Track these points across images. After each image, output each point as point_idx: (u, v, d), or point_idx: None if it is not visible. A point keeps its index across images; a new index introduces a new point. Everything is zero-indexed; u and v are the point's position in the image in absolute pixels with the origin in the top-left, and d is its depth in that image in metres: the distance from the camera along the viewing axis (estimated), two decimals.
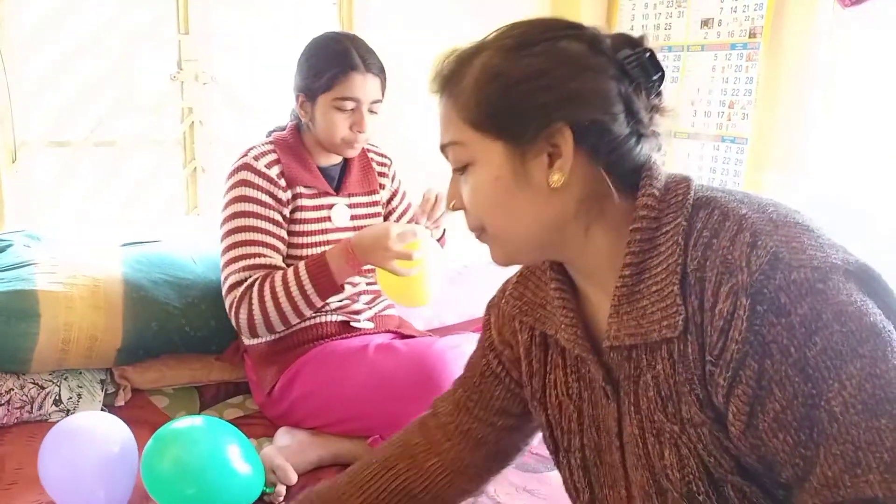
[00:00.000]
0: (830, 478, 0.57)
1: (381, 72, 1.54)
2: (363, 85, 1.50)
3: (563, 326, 0.76)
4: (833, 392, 0.57)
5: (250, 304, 1.44)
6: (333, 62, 1.50)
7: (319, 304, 1.47)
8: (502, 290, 0.89)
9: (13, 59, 1.81)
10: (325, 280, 1.43)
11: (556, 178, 0.67)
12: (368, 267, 1.51)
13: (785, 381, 0.58)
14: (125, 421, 1.29)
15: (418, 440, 0.96)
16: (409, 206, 1.80)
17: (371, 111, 1.54)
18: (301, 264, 1.45)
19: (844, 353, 0.57)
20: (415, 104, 2.36)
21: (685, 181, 0.70)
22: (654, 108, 0.71)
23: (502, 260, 0.76)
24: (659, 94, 0.72)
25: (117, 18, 1.90)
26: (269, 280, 1.44)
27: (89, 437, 1.22)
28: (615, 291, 0.69)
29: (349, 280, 1.62)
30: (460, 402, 0.94)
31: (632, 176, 0.70)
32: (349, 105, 1.50)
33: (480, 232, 0.75)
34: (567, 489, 0.85)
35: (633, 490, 0.73)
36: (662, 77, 0.71)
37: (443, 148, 0.74)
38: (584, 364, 0.77)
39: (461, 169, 0.73)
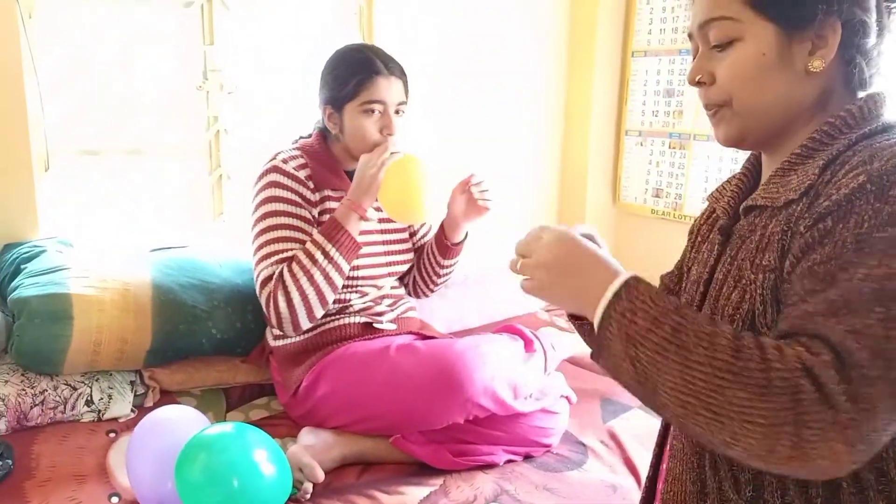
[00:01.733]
0: (809, 313, 0.64)
1: (403, 74, 1.58)
2: (388, 88, 1.54)
3: (727, 197, 0.87)
4: (867, 267, 0.62)
5: (286, 289, 1.46)
6: (357, 70, 1.53)
7: (345, 266, 1.51)
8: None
9: (44, 69, 1.87)
10: (340, 234, 1.48)
11: (817, 64, 0.75)
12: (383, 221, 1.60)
13: (838, 242, 0.65)
14: None
15: None
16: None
17: (397, 112, 1.57)
18: (314, 232, 1.51)
19: None
20: (434, 110, 2.39)
21: (891, 117, 0.76)
22: (890, 30, 0.78)
23: (735, 136, 0.81)
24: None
25: (145, 30, 1.96)
26: (293, 261, 1.48)
27: (170, 428, 1.27)
28: (780, 165, 0.78)
29: (373, 283, 1.65)
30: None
31: (864, 82, 0.77)
32: (377, 108, 1.54)
33: (721, 108, 0.81)
34: None
35: None
36: None
37: (705, 23, 0.79)
38: (715, 224, 0.88)
39: (722, 46, 0.78)
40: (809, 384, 0.59)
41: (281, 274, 1.48)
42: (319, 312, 1.51)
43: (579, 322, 0.95)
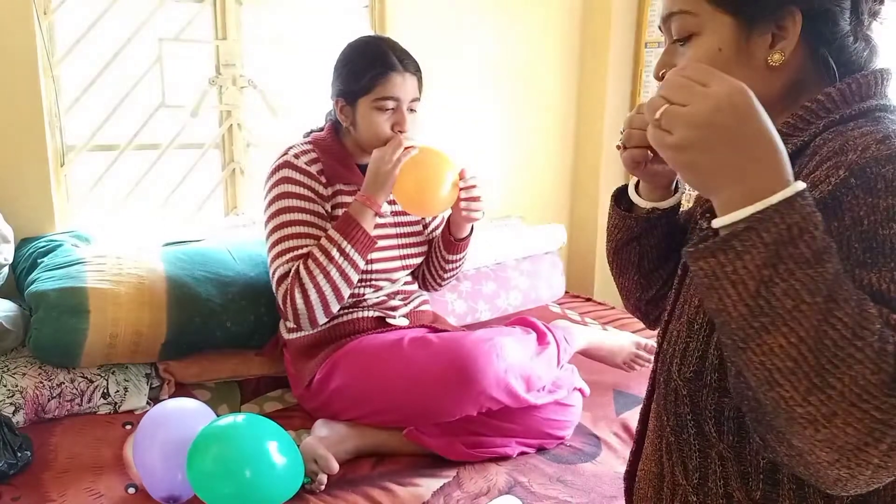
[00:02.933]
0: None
1: (417, 71, 1.57)
2: (402, 84, 1.53)
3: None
4: (887, 269, 0.59)
5: (302, 286, 1.46)
6: (372, 64, 1.53)
7: (360, 262, 1.51)
8: None
9: (59, 65, 1.88)
10: (355, 230, 1.48)
11: (777, 58, 0.72)
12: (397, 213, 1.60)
13: (843, 243, 0.60)
14: None
15: None
16: None
17: (411, 109, 1.56)
18: (329, 228, 1.50)
19: None
20: (447, 106, 2.39)
21: (878, 99, 0.72)
22: (874, 14, 0.75)
23: None
24: (882, 0, 0.75)
25: (158, 25, 1.97)
26: (309, 258, 1.48)
27: (178, 421, 1.29)
28: None
29: (387, 276, 1.65)
30: None
31: (832, 72, 0.73)
32: (390, 105, 1.53)
33: None
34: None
35: (683, 327, 0.77)
36: None
37: (667, 17, 0.77)
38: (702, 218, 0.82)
39: (683, 40, 0.76)
40: None
41: (297, 271, 1.48)
42: (336, 307, 1.52)
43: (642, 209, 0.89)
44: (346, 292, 1.51)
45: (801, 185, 0.56)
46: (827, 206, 0.62)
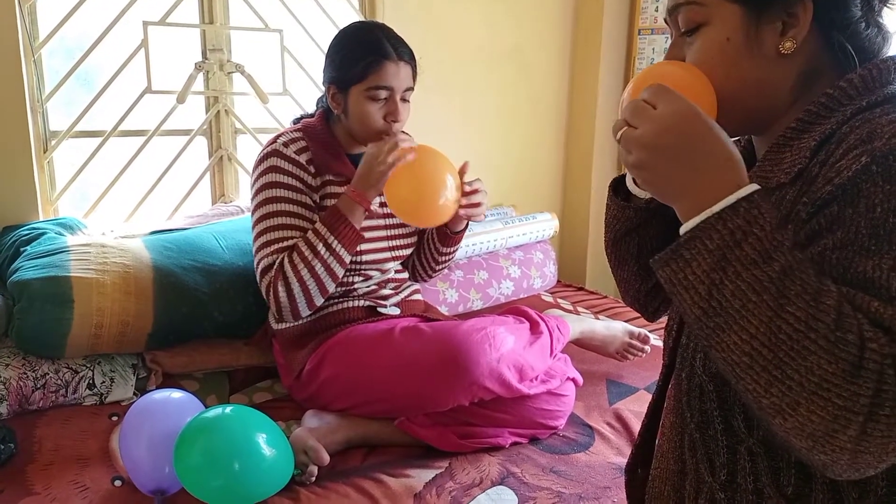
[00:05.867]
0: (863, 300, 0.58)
1: (411, 59, 1.54)
2: (396, 73, 1.50)
3: None
4: (889, 256, 0.58)
5: (286, 279, 1.44)
6: (365, 52, 1.49)
7: (347, 257, 1.48)
8: None
9: (41, 49, 1.84)
10: (342, 225, 1.45)
11: (788, 45, 0.70)
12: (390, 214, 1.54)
13: (851, 228, 0.60)
14: None
15: None
16: None
17: (404, 99, 1.53)
18: (316, 223, 1.47)
19: None
20: (437, 93, 2.36)
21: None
22: (884, 0, 0.73)
23: None
24: None
25: (142, 8, 1.92)
26: (294, 251, 1.45)
27: (163, 413, 1.26)
28: (774, 140, 0.73)
29: (377, 267, 1.62)
30: None
31: (850, 58, 0.72)
32: (383, 94, 1.50)
33: None
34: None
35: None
36: None
37: (674, 9, 0.76)
38: None
39: (690, 31, 0.75)
40: (894, 374, 0.54)
41: (281, 264, 1.45)
42: (319, 301, 1.50)
43: (624, 201, 0.89)
44: (330, 287, 1.49)
45: (748, 190, 0.59)
46: (846, 193, 0.61)
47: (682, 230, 0.61)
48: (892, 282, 0.57)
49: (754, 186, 0.59)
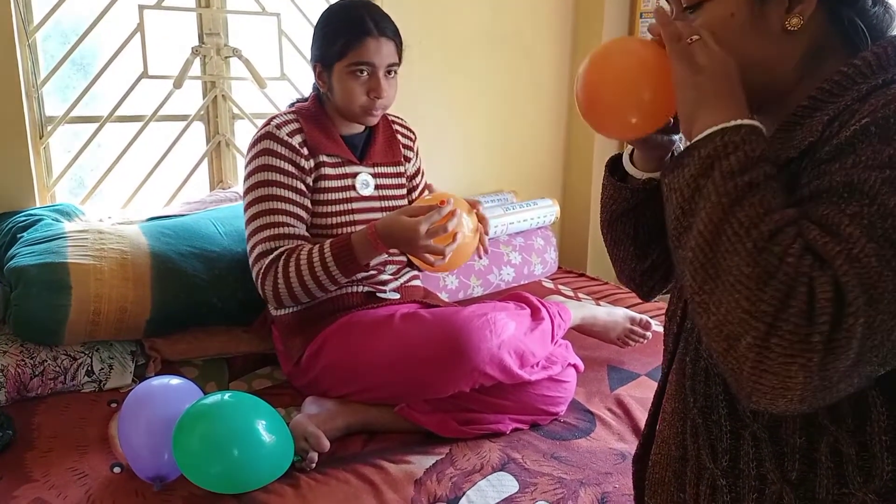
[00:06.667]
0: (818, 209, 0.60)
1: (395, 35, 1.53)
2: (377, 49, 1.49)
3: None
4: (855, 203, 0.58)
5: (276, 276, 1.44)
6: (346, 29, 1.49)
7: (344, 281, 1.48)
8: None
9: (36, 33, 1.82)
10: (350, 262, 1.43)
11: (795, 22, 0.69)
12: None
13: (828, 178, 0.61)
14: None
15: None
16: (427, 185, 1.78)
17: (389, 73, 1.52)
18: (326, 245, 1.44)
19: None
20: (437, 77, 2.34)
21: None
22: None
23: None
24: None
25: None
26: (294, 255, 1.44)
27: (162, 399, 1.25)
28: (786, 118, 0.72)
29: None
30: None
31: (862, 36, 0.71)
32: (365, 70, 1.49)
33: None
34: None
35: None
36: None
37: None
38: None
39: (693, 6, 0.73)
40: (805, 294, 0.55)
41: (276, 260, 1.45)
42: (305, 300, 1.50)
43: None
44: (318, 295, 1.49)
45: (755, 122, 0.64)
46: (841, 151, 0.62)
47: (693, 142, 0.65)
48: (842, 220, 0.58)
49: (756, 122, 0.64)
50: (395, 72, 1.54)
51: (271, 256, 1.46)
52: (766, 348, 0.56)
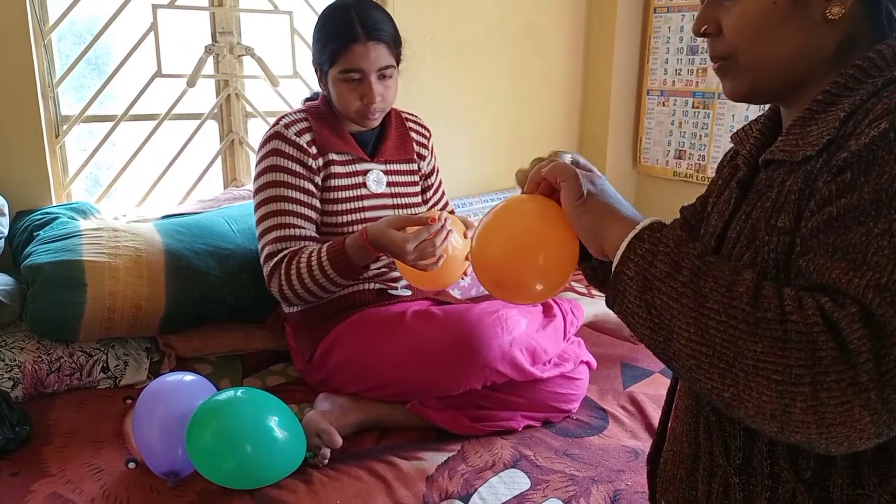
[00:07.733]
0: (826, 267, 0.59)
1: (388, 36, 1.50)
2: (365, 55, 1.47)
3: (749, 145, 0.81)
4: (887, 222, 0.57)
5: (280, 279, 1.46)
6: (335, 36, 1.48)
7: (346, 283, 1.48)
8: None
9: (51, 33, 1.83)
10: (346, 266, 1.42)
11: (836, 11, 0.68)
12: None
13: (856, 195, 0.59)
14: None
15: None
16: (440, 184, 1.78)
17: (382, 76, 1.50)
18: (323, 249, 1.43)
19: None
20: (449, 73, 2.33)
21: None
22: None
23: (743, 91, 0.76)
24: None
25: None
26: (296, 259, 1.44)
27: (176, 396, 1.27)
28: (800, 113, 0.71)
29: None
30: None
31: (893, 28, 0.70)
32: (355, 76, 1.48)
33: (726, 61, 0.74)
34: None
35: None
36: None
37: None
38: (737, 171, 0.82)
39: None
40: (830, 339, 0.55)
41: (280, 263, 1.46)
42: (313, 301, 1.52)
43: (591, 266, 0.89)
44: (324, 296, 1.50)
45: (647, 221, 0.67)
46: (860, 159, 0.60)
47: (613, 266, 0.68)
48: (870, 246, 0.57)
49: (653, 218, 0.67)
50: (392, 73, 1.52)
51: (277, 258, 1.47)
52: (820, 405, 0.55)
